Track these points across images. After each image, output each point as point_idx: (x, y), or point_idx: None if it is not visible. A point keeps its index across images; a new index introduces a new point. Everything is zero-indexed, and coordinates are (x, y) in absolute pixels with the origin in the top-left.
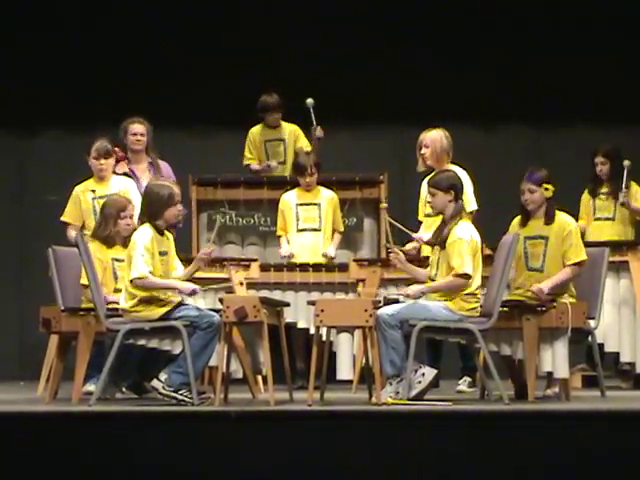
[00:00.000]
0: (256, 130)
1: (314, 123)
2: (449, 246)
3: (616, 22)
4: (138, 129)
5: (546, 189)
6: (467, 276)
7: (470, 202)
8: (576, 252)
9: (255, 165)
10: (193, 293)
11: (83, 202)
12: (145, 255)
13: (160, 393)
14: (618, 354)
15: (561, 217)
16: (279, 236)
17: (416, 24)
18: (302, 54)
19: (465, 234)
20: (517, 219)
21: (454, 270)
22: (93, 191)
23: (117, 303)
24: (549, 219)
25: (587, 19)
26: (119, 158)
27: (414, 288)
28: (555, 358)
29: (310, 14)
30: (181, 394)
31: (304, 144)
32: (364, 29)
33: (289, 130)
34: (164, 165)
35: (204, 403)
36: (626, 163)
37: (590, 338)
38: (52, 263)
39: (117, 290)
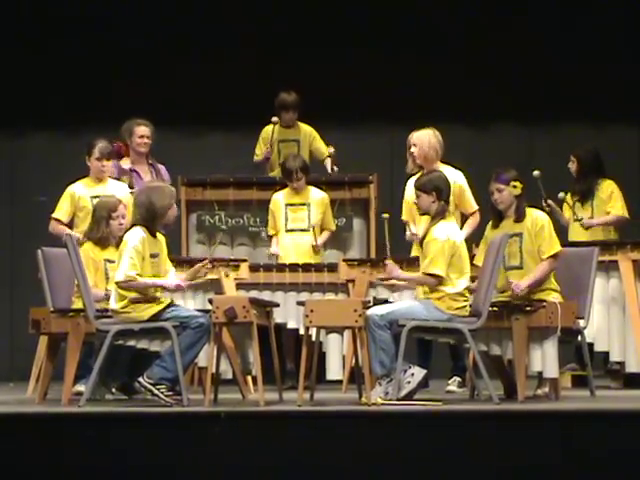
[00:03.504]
0: (270, 128)
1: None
2: (425, 245)
3: (608, 22)
4: (145, 132)
5: (514, 187)
6: (435, 276)
7: (472, 202)
8: (550, 245)
9: (259, 159)
10: (178, 288)
11: (82, 201)
12: (134, 258)
13: (138, 382)
14: (607, 354)
15: (532, 213)
16: (270, 236)
17: (409, 25)
18: (295, 55)
19: (441, 234)
20: (490, 223)
21: (422, 269)
22: (81, 185)
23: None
24: (520, 216)
25: (580, 20)
26: (124, 153)
27: (393, 267)
28: (545, 358)
29: (309, 16)
30: (158, 389)
31: (320, 145)
32: (357, 31)
33: (304, 131)
34: (162, 168)
35: (176, 404)
36: (535, 173)
37: (580, 338)
38: (42, 264)
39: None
